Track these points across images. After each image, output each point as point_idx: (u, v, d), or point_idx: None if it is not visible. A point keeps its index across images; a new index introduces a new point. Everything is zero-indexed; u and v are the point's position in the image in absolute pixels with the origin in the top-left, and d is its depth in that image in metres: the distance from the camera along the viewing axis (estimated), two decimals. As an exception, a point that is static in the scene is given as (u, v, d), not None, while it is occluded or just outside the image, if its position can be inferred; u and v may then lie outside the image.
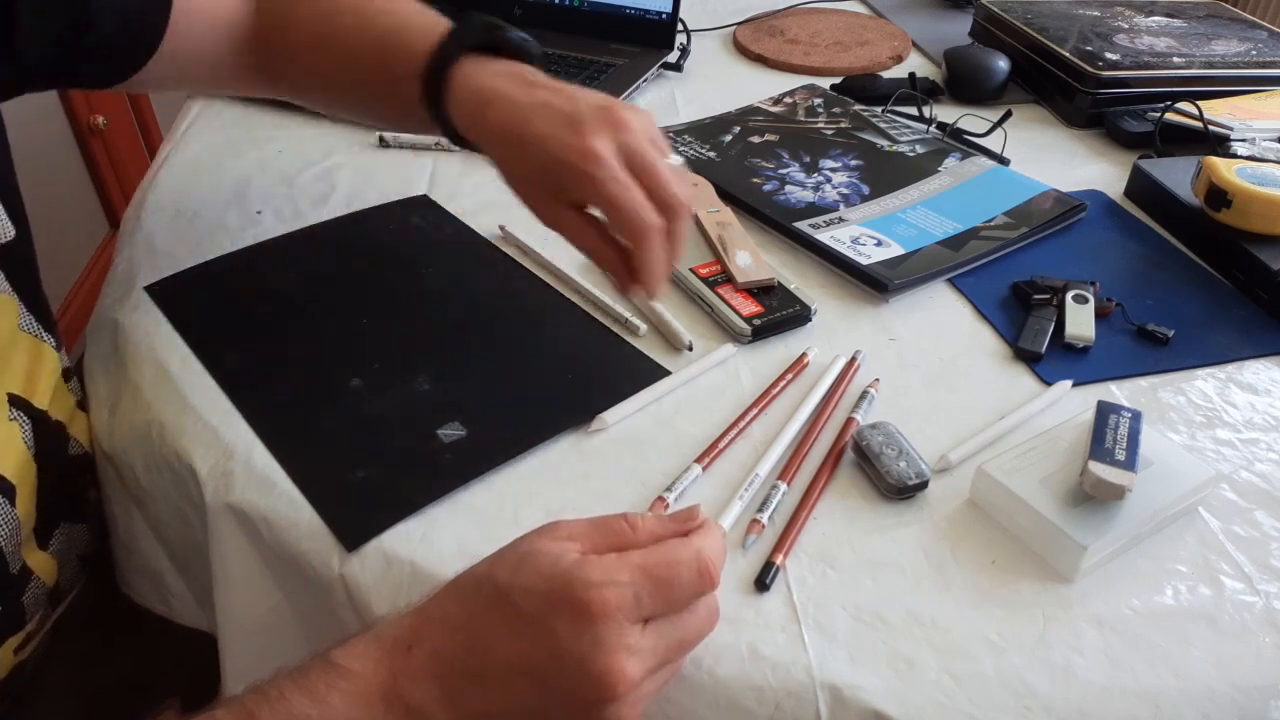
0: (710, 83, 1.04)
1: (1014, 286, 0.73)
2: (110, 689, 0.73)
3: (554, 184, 0.56)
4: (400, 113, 0.64)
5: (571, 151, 0.53)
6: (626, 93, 0.96)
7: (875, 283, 0.71)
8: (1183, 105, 0.91)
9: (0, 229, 0.57)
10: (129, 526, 0.64)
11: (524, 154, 0.56)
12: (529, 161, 0.56)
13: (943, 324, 0.70)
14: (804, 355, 0.65)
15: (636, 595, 0.40)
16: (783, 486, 0.55)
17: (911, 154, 0.88)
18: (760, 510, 0.53)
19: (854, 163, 0.86)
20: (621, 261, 0.57)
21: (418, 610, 0.43)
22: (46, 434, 0.61)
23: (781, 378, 0.63)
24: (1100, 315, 0.70)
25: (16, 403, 0.59)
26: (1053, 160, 0.92)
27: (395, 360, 0.63)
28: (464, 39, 0.60)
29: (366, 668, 0.41)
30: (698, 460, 0.57)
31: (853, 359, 0.65)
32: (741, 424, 0.60)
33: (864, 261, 0.73)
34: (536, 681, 0.40)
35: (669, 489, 0.54)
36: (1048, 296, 0.70)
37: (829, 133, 0.91)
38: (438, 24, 0.61)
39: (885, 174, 0.85)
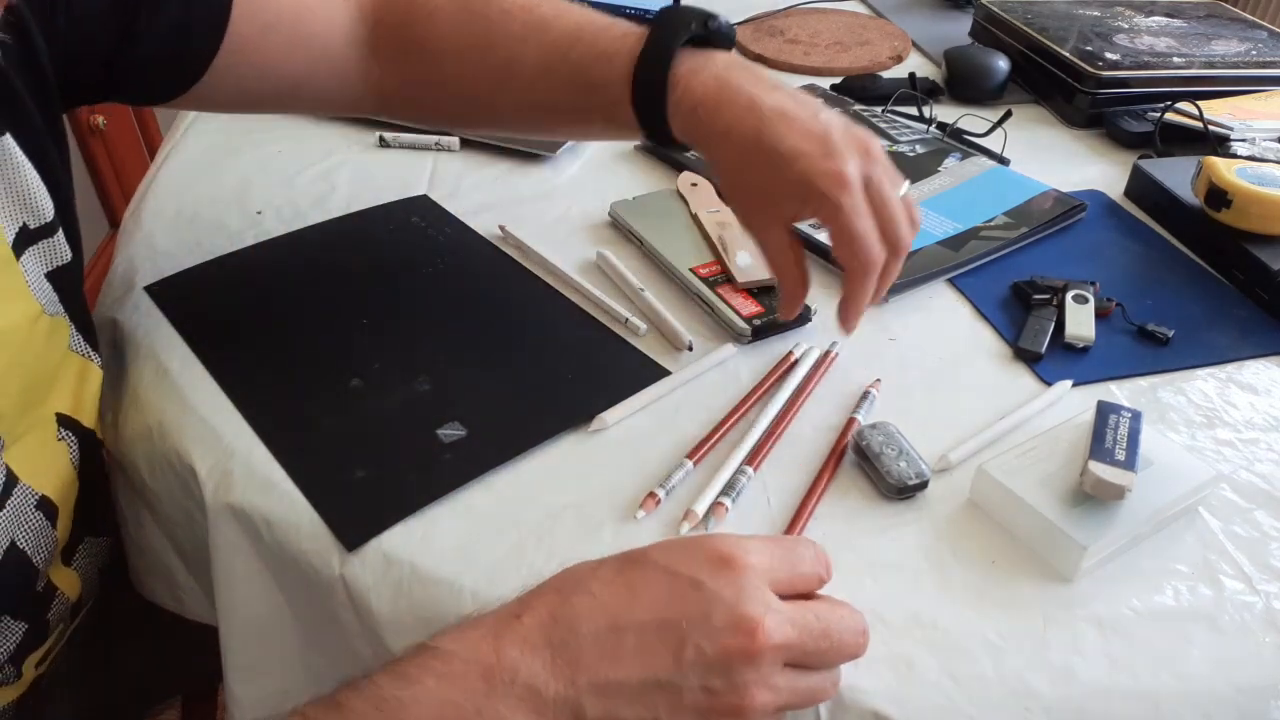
0: (710, 83, 1.04)
1: (1014, 286, 0.73)
2: (115, 689, 0.73)
3: (790, 201, 0.54)
4: (582, 122, 0.61)
5: (825, 177, 0.51)
6: (626, 93, 0.96)
7: (875, 283, 0.71)
8: (1183, 105, 0.91)
9: (59, 252, 0.57)
10: (139, 526, 0.64)
11: (765, 166, 0.53)
12: (769, 174, 0.53)
13: (943, 324, 0.70)
14: (790, 353, 0.65)
15: (789, 614, 0.40)
16: (749, 471, 0.55)
17: (911, 154, 0.88)
18: (724, 494, 0.54)
19: (854, 163, 0.86)
20: (803, 289, 0.57)
21: (535, 588, 0.41)
22: (92, 452, 0.61)
23: (771, 374, 0.63)
24: (1100, 315, 0.70)
25: (65, 422, 0.59)
26: (1053, 160, 0.91)
27: (395, 360, 0.63)
28: (678, 31, 0.55)
29: (465, 647, 0.38)
30: (689, 456, 0.57)
31: (828, 351, 0.65)
32: (733, 419, 0.60)
33: (864, 261, 0.73)
34: (674, 634, 0.38)
35: (661, 485, 0.55)
36: (1048, 296, 0.70)
37: (829, 133, 0.91)
38: (617, 23, 0.58)
39: (885, 174, 0.85)
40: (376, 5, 0.64)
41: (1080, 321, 0.68)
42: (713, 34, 0.57)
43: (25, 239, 0.54)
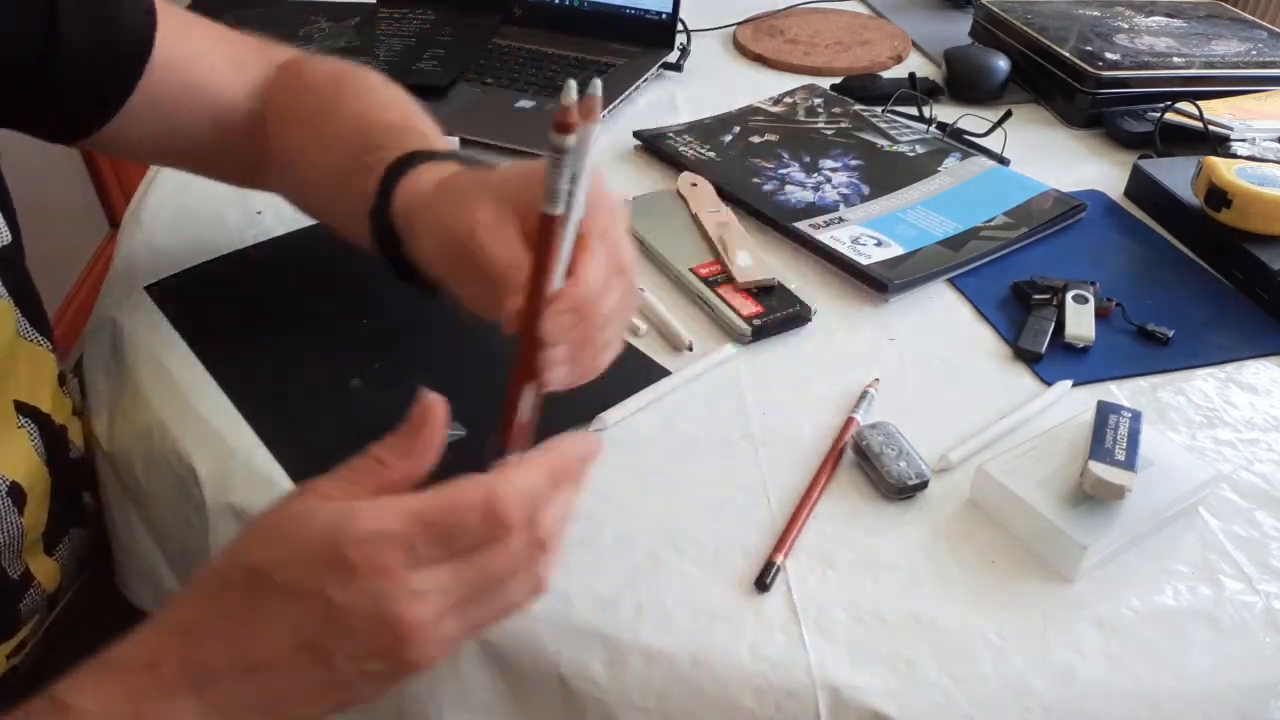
0: (710, 83, 1.04)
1: (1014, 286, 0.73)
2: None
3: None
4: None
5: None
6: (626, 93, 0.96)
7: (875, 283, 0.71)
8: (1183, 105, 0.91)
9: None
10: (128, 528, 0.64)
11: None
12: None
13: (943, 324, 0.70)
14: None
15: (411, 545, 0.36)
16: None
17: (911, 154, 0.88)
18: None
19: (854, 163, 0.86)
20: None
21: (156, 623, 0.38)
22: (53, 439, 0.61)
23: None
24: (1100, 315, 0.70)
25: (23, 409, 0.58)
26: (1053, 160, 0.91)
27: (395, 360, 0.63)
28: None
29: (100, 702, 0.36)
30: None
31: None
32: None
33: (864, 261, 0.73)
34: (319, 653, 0.36)
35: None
36: (1048, 296, 0.70)
37: (829, 133, 0.91)
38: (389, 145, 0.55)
39: (885, 174, 0.85)
40: (270, 86, 0.65)
41: (1080, 321, 0.68)
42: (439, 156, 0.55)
43: None
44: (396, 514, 0.36)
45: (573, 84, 0.40)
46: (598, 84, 0.40)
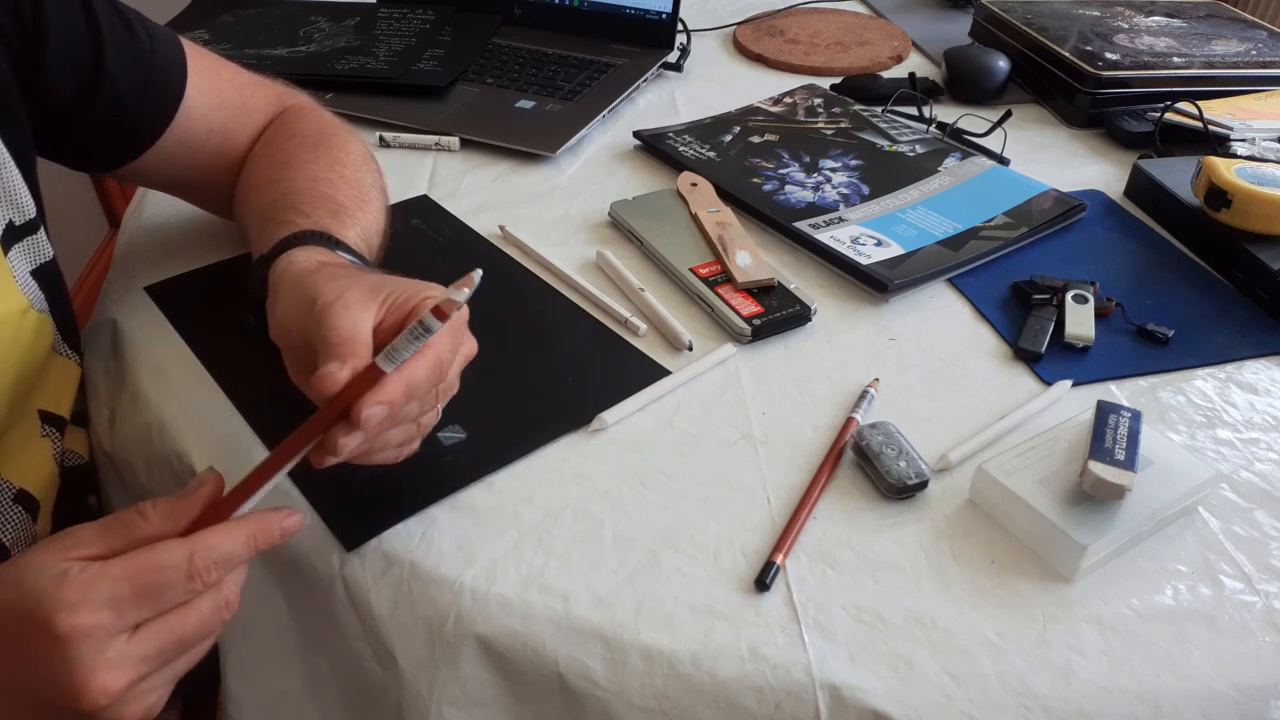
0: (710, 83, 1.04)
1: (1014, 286, 0.73)
2: None
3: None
4: None
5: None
6: (626, 93, 0.96)
7: (875, 283, 0.71)
8: (1183, 105, 0.91)
9: (42, 249, 0.58)
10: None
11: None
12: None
13: (943, 324, 0.70)
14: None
15: (116, 609, 0.39)
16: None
17: (911, 154, 0.88)
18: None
19: (854, 163, 0.86)
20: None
21: None
22: (71, 448, 0.62)
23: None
24: (1100, 315, 0.70)
25: (48, 419, 0.59)
26: (1053, 160, 0.92)
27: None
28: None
29: None
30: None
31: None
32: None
33: (864, 261, 0.73)
34: (25, 696, 0.40)
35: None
36: (1048, 296, 0.70)
37: (829, 133, 0.91)
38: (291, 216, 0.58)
39: (885, 174, 0.85)
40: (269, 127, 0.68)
41: (1080, 321, 0.68)
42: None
43: (11, 235, 0.55)
44: (104, 579, 0.39)
45: (477, 275, 0.45)
46: (465, 293, 0.44)
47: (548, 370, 0.64)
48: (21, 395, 0.57)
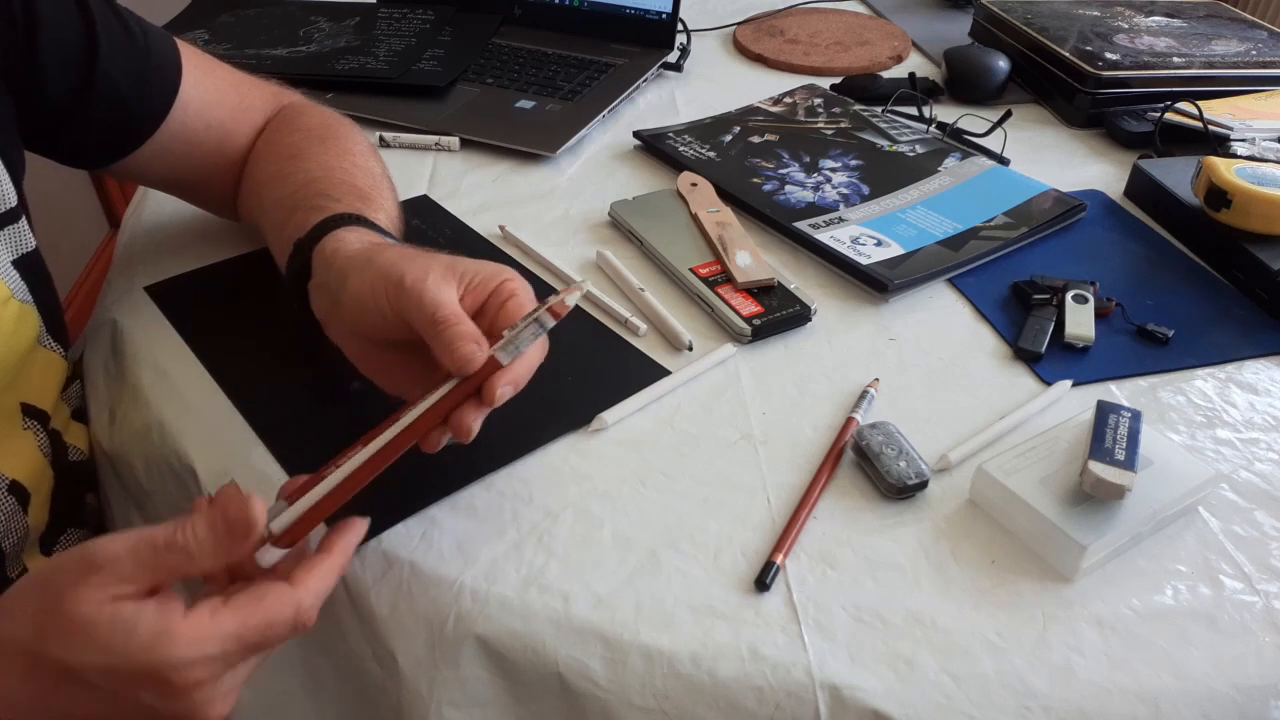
0: (710, 83, 1.04)
1: (1014, 286, 0.73)
2: None
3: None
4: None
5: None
6: (626, 93, 0.96)
7: (875, 283, 0.71)
8: (1183, 105, 0.91)
9: (24, 239, 0.58)
10: (128, 527, 0.64)
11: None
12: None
13: (943, 324, 0.70)
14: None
15: (227, 661, 0.40)
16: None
17: (911, 154, 0.88)
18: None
19: (854, 163, 0.86)
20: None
21: None
22: (54, 441, 0.61)
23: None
24: (1100, 315, 0.70)
25: (30, 412, 0.59)
26: (1053, 160, 0.92)
27: (395, 360, 0.63)
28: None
29: None
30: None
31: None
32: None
33: (864, 261, 0.73)
34: None
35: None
36: (1048, 296, 0.70)
37: (829, 133, 0.91)
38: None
39: (885, 174, 0.85)
40: (268, 125, 0.69)
41: (1080, 321, 0.68)
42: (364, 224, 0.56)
43: None
44: (215, 638, 0.39)
45: (587, 286, 0.50)
46: (577, 296, 0.48)
47: (548, 370, 0.63)
48: (2, 386, 0.56)
